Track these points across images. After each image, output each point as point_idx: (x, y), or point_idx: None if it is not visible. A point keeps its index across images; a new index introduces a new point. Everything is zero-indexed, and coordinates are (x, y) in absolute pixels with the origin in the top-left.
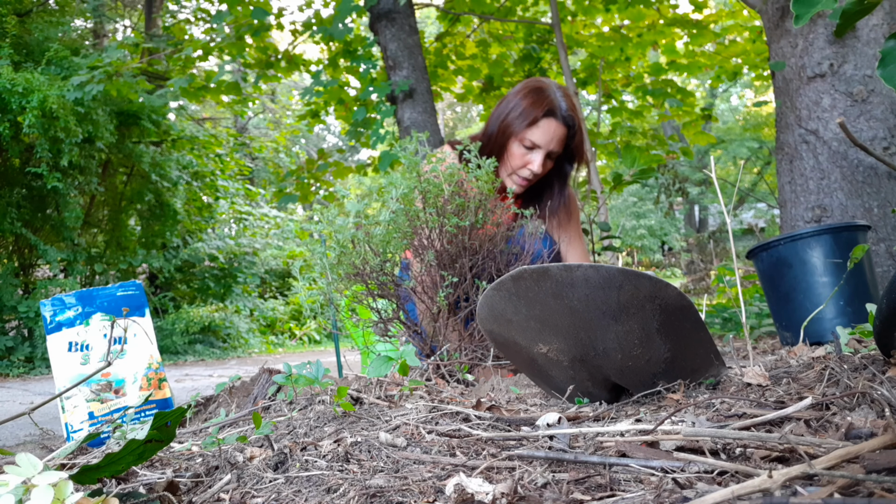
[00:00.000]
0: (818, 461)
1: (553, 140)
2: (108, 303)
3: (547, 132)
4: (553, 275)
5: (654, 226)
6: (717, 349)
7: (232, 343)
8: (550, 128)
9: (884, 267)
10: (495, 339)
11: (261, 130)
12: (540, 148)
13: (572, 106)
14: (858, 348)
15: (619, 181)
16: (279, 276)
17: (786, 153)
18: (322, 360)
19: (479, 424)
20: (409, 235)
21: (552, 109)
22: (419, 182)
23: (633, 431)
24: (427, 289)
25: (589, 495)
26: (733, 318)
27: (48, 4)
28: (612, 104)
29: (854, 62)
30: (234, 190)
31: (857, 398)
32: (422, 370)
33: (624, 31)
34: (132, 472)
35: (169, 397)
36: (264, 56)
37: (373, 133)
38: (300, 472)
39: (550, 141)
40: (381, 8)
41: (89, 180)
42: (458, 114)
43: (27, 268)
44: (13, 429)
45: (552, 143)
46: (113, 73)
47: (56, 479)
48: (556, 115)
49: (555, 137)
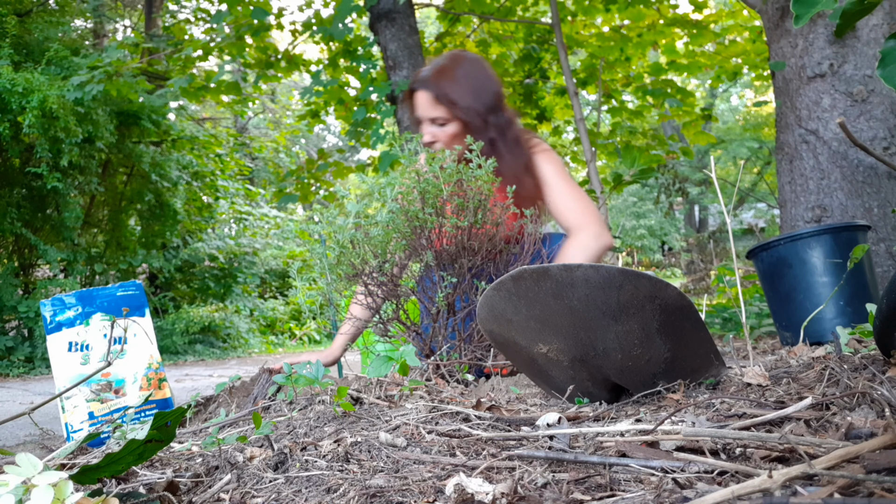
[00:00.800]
0: (818, 461)
1: (423, 108)
2: (108, 303)
3: (416, 106)
4: (553, 275)
5: (654, 226)
6: (717, 349)
7: (232, 343)
8: (417, 101)
9: (884, 267)
10: (495, 340)
11: (261, 130)
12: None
13: (437, 70)
14: (858, 348)
15: (619, 181)
16: (279, 276)
17: (786, 153)
18: (322, 360)
19: (479, 424)
20: (407, 236)
21: (414, 81)
22: (418, 182)
23: (633, 431)
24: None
25: (589, 495)
26: (733, 318)
27: (48, 4)
28: (612, 104)
29: (854, 62)
30: (234, 190)
31: (857, 398)
32: (422, 370)
33: (624, 31)
34: (132, 472)
35: (169, 397)
36: (264, 56)
37: (373, 133)
38: (300, 472)
39: (422, 110)
40: (381, 8)
41: (89, 180)
42: None
43: (27, 268)
44: (13, 429)
45: (424, 111)
46: (113, 73)
47: (56, 479)
48: (415, 89)
49: (422, 105)
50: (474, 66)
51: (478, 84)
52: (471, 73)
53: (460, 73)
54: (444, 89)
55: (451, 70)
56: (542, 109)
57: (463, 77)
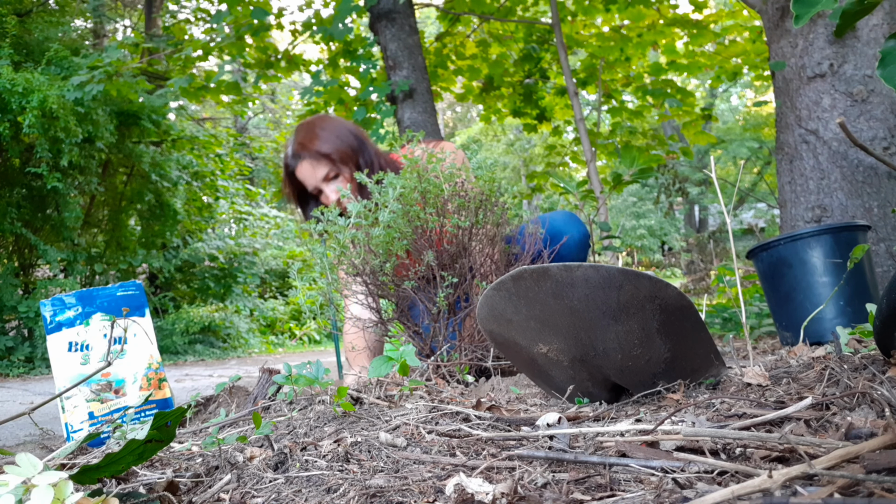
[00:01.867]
0: (818, 461)
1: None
2: (108, 303)
3: (304, 180)
4: (553, 275)
5: (653, 226)
6: (717, 349)
7: (232, 343)
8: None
9: (884, 267)
10: (495, 339)
11: (261, 130)
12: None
13: (300, 141)
14: (858, 348)
15: (619, 181)
16: (279, 276)
17: (786, 153)
18: (322, 360)
19: (479, 424)
20: (408, 236)
21: (287, 171)
22: (419, 182)
23: (633, 431)
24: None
25: (589, 495)
26: (733, 318)
27: (48, 4)
28: (612, 104)
29: (854, 62)
30: (234, 190)
31: (857, 398)
32: (422, 370)
33: (624, 31)
34: (132, 472)
35: (169, 397)
36: (264, 56)
37: (373, 133)
38: (300, 472)
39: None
40: (381, 8)
41: (89, 180)
42: (458, 114)
43: (27, 268)
44: (13, 429)
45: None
46: (113, 73)
47: (56, 479)
48: (293, 167)
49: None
50: (325, 120)
51: (337, 132)
52: (327, 127)
53: (319, 131)
54: (316, 148)
55: (312, 132)
56: (542, 109)
57: (322, 131)
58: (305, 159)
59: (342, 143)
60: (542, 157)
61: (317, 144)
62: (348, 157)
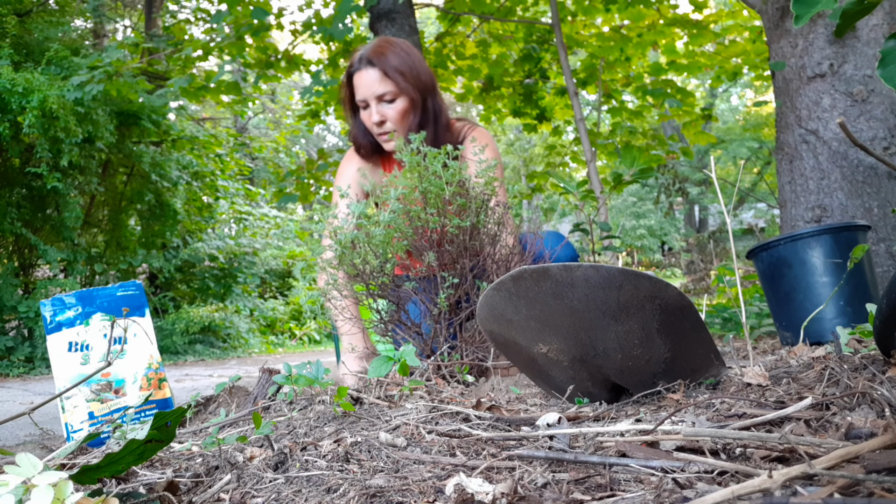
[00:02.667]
0: (818, 461)
1: (369, 86)
2: (108, 303)
3: (360, 85)
4: (553, 275)
5: (653, 226)
6: (717, 349)
7: (232, 343)
8: (361, 79)
9: (884, 267)
10: (495, 340)
11: (261, 130)
12: (366, 101)
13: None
14: (858, 348)
15: (619, 181)
16: (279, 276)
17: (786, 153)
18: (322, 360)
19: (479, 424)
20: (409, 236)
21: (352, 65)
22: (420, 182)
23: (633, 431)
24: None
25: (589, 495)
26: (733, 318)
27: (48, 4)
28: (612, 104)
29: (854, 62)
30: (234, 190)
31: (857, 398)
32: (422, 370)
33: (624, 31)
34: (132, 472)
35: (169, 397)
36: (264, 56)
37: None
38: (300, 472)
39: (368, 89)
40: (381, 8)
41: (89, 180)
42: (459, 113)
43: (27, 268)
44: (13, 429)
45: (370, 89)
46: (113, 73)
47: (56, 479)
48: (359, 67)
49: (366, 83)
50: (410, 48)
51: (418, 62)
52: (410, 52)
53: (400, 51)
54: (391, 62)
55: (391, 47)
56: (542, 109)
57: (404, 54)
58: (374, 67)
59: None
60: (542, 157)
61: (394, 60)
62: (418, 88)
